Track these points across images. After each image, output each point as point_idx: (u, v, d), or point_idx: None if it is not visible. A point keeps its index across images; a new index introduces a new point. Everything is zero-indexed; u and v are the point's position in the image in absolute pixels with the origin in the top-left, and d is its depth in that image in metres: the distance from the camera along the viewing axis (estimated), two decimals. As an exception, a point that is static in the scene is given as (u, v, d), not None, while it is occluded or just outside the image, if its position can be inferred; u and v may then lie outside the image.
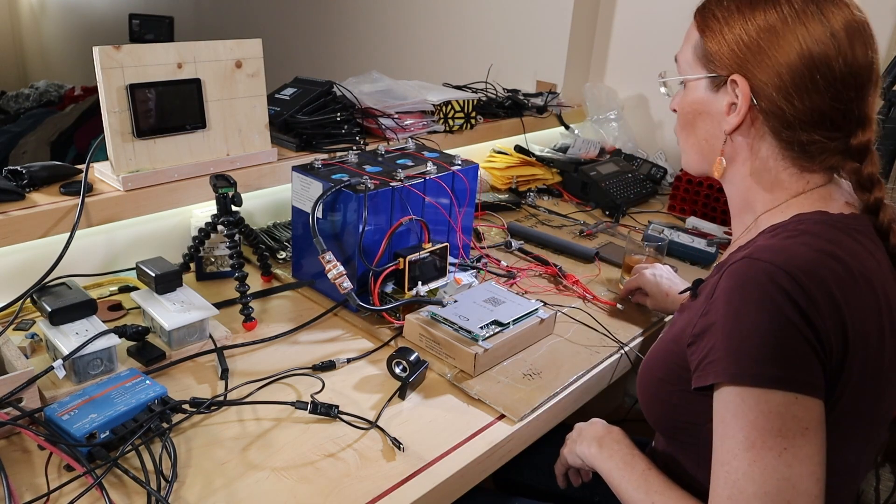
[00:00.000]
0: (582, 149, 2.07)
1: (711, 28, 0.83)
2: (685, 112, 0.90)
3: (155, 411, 0.89)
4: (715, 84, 0.84)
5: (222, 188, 1.20)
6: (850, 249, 0.75)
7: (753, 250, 0.75)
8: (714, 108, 0.85)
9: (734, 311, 0.72)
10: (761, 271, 0.71)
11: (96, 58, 1.17)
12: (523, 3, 2.40)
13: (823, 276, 0.71)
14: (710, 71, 0.84)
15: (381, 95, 1.74)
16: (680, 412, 0.84)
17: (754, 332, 0.70)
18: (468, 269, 1.38)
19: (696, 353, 0.77)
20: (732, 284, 0.73)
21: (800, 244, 0.74)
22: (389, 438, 0.93)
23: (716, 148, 0.88)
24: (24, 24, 6.14)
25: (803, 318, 0.69)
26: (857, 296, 0.73)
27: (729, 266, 0.75)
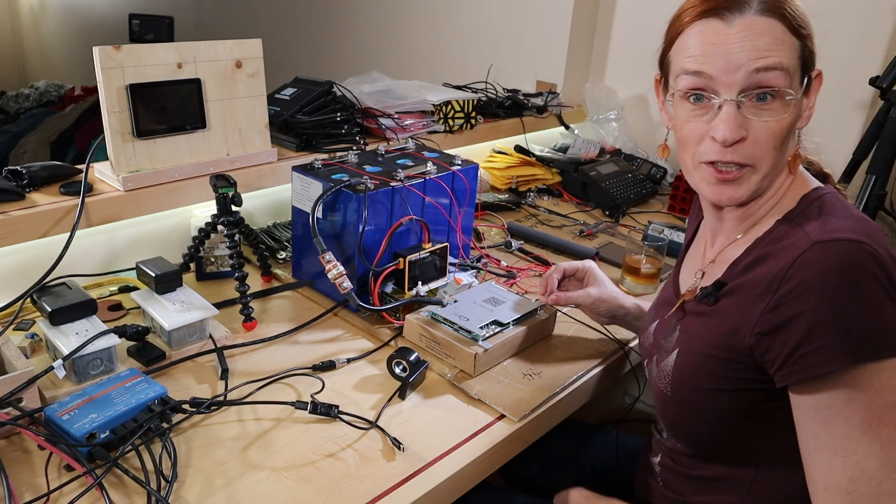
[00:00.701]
0: (582, 149, 2.07)
1: (806, 29, 0.79)
2: (788, 128, 0.79)
3: (155, 411, 0.89)
4: (810, 84, 0.81)
5: (222, 188, 1.20)
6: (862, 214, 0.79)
7: (816, 234, 0.74)
8: (800, 109, 0.81)
9: (831, 296, 0.70)
10: (845, 250, 0.71)
11: (96, 58, 1.17)
12: (523, 3, 2.40)
13: (883, 240, 0.73)
14: (808, 72, 0.80)
15: (381, 95, 1.74)
16: (739, 419, 0.82)
17: (861, 308, 0.69)
18: (468, 269, 1.38)
19: (774, 350, 0.74)
20: (820, 269, 0.71)
21: (845, 218, 0.76)
22: (389, 438, 0.93)
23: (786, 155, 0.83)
24: (24, 24, 6.14)
25: (892, 283, 0.70)
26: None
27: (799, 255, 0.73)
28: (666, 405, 0.90)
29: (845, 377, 0.70)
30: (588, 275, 1.16)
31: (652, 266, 1.41)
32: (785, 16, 0.77)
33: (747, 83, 0.77)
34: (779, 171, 0.83)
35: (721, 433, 0.85)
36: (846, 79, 1.81)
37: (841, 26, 1.82)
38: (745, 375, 0.79)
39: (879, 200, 1.64)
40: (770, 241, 0.80)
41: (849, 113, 1.85)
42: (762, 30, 0.77)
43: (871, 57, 1.77)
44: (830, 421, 0.72)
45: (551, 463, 1.18)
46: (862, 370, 0.70)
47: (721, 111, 0.78)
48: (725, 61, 0.77)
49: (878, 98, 1.64)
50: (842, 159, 1.68)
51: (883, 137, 1.61)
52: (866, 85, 1.65)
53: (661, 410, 0.93)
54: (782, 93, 0.77)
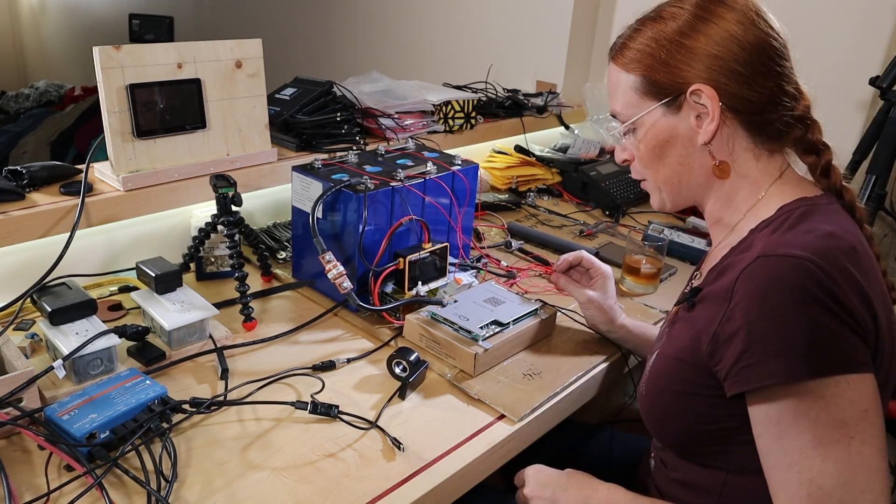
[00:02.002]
0: (582, 149, 2.07)
1: (642, 61, 0.85)
2: (650, 149, 0.88)
3: (155, 411, 0.89)
4: (673, 107, 0.85)
5: (222, 188, 1.20)
6: (842, 226, 0.78)
7: (764, 248, 0.75)
8: (681, 128, 0.85)
9: (767, 310, 0.71)
10: (783, 266, 0.71)
11: (96, 58, 1.17)
12: (523, 3, 2.40)
13: (837, 257, 0.72)
14: (663, 97, 0.85)
15: (381, 95, 1.74)
16: (705, 423, 0.83)
17: (794, 326, 0.70)
18: (468, 269, 1.38)
19: (724, 361, 0.76)
20: (757, 284, 0.73)
21: (804, 233, 0.76)
22: (389, 438, 0.93)
23: (692, 167, 0.87)
24: (24, 24, 6.14)
25: (836, 302, 0.70)
26: (866, 269, 0.75)
27: (744, 268, 0.75)
28: (643, 404, 0.93)
29: (788, 392, 0.71)
30: (598, 278, 1.17)
31: (652, 266, 1.41)
32: (617, 57, 0.89)
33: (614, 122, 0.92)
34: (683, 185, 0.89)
35: (688, 435, 0.86)
36: (846, 79, 1.81)
37: (841, 26, 1.82)
38: (706, 381, 0.80)
39: (879, 200, 1.64)
40: (739, 250, 0.82)
41: (849, 113, 1.85)
42: (610, 76, 0.92)
43: (871, 57, 1.77)
44: (782, 436, 0.72)
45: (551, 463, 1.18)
46: (802, 387, 0.70)
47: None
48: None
49: (878, 98, 1.64)
50: (842, 159, 1.67)
51: (883, 137, 1.61)
52: (866, 85, 1.65)
53: (641, 409, 0.95)
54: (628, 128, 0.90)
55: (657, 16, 0.86)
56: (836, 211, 0.82)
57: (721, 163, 0.86)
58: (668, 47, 0.83)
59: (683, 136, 0.85)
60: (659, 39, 0.84)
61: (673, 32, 0.83)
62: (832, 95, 1.84)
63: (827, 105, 0.89)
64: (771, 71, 0.81)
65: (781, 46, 0.82)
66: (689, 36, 0.82)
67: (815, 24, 1.86)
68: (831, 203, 0.83)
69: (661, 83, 0.84)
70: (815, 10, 1.84)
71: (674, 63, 0.83)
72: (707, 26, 0.81)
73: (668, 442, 0.91)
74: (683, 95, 0.83)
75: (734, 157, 0.85)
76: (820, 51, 1.83)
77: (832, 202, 0.83)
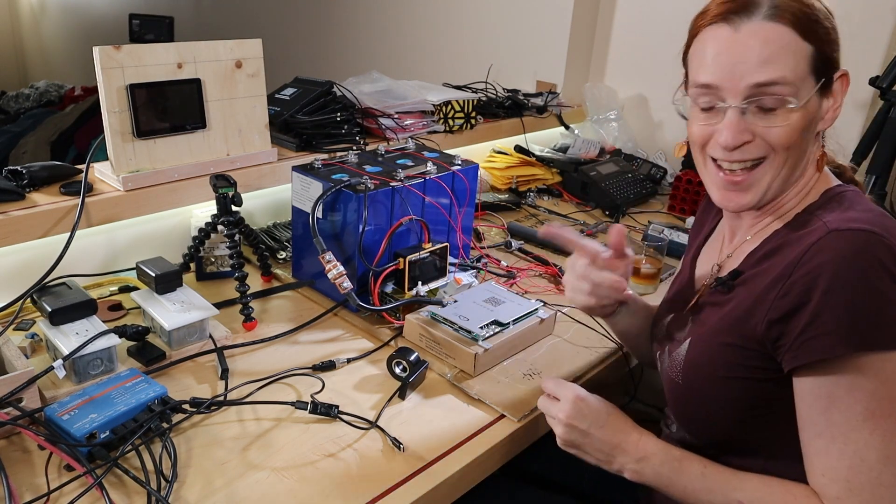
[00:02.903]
0: (582, 149, 2.07)
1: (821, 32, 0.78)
2: (802, 130, 0.80)
3: (155, 411, 0.89)
4: (828, 87, 0.81)
5: (222, 188, 1.20)
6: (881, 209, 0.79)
7: (832, 223, 0.74)
8: (822, 112, 0.82)
9: (840, 282, 0.71)
10: (858, 239, 0.72)
11: (96, 58, 1.17)
12: (523, 3, 2.40)
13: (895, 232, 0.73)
14: (826, 76, 0.80)
15: (381, 95, 1.74)
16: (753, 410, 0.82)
17: (867, 298, 0.70)
18: (468, 269, 1.38)
19: (787, 335, 0.75)
20: (832, 257, 0.72)
21: (865, 211, 0.77)
22: (389, 438, 0.93)
23: (810, 154, 0.84)
24: (24, 24, 6.14)
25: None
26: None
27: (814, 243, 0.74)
28: (677, 395, 0.90)
29: (848, 365, 0.70)
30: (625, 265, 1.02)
31: (652, 266, 1.41)
32: (795, 21, 0.77)
33: (749, 93, 0.78)
34: (796, 172, 0.83)
35: (732, 423, 0.85)
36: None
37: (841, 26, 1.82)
38: (756, 363, 0.79)
39: (879, 200, 1.64)
40: (788, 231, 0.82)
41: (849, 113, 1.85)
42: (768, 37, 0.77)
43: (871, 57, 1.77)
44: (832, 407, 0.72)
45: (552, 462, 1.18)
46: (865, 359, 0.70)
47: (726, 116, 0.80)
48: (730, 71, 0.78)
49: (878, 98, 1.64)
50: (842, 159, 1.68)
51: (883, 137, 1.61)
52: (866, 85, 1.65)
53: (672, 401, 0.93)
54: (784, 101, 0.77)
55: None
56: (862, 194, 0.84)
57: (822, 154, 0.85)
58: (831, 23, 0.80)
59: (819, 121, 0.82)
60: (828, 16, 0.80)
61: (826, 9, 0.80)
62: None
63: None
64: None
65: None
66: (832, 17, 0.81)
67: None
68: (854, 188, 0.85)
69: (832, 61, 0.80)
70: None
71: (836, 41, 0.80)
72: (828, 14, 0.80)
73: (704, 432, 0.89)
74: (834, 78, 0.81)
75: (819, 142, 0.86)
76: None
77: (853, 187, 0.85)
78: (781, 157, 0.81)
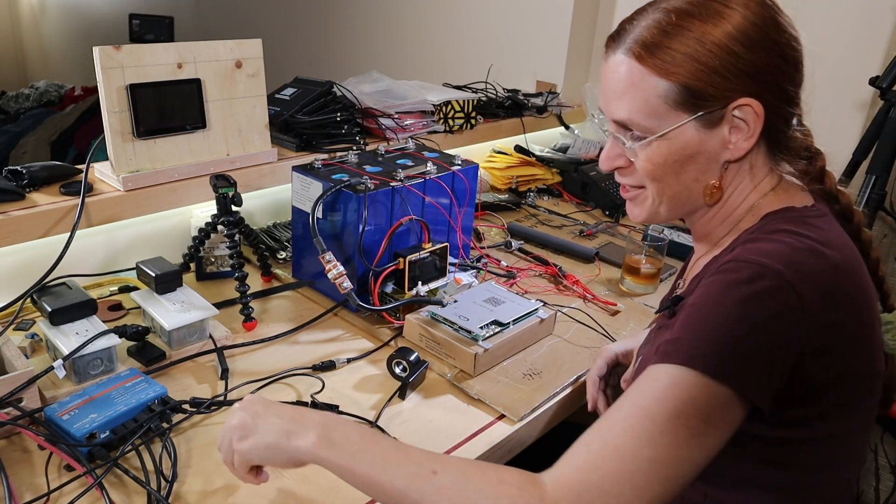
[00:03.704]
0: (582, 149, 2.07)
1: (682, 66, 0.74)
2: (668, 163, 0.79)
3: (155, 411, 0.89)
4: (710, 121, 0.76)
5: (222, 188, 1.20)
6: (829, 239, 0.74)
7: (738, 253, 0.73)
8: (711, 144, 0.77)
9: (712, 303, 0.70)
10: (749, 270, 0.70)
11: (96, 58, 1.17)
12: (523, 3, 2.40)
13: (809, 271, 0.70)
14: (699, 110, 0.75)
15: (381, 95, 1.74)
16: None
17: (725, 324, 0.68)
18: (468, 269, 1.38)
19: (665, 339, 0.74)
20: (718, 281, 0.71)
21: (781, 242, 0.73)
22: (389, 438, 0.92)
23: (707, 183, 0.80)
24: (24, 24, 6.14)
25: (785, 319, 0.68)
26: (848, 285, 0.73)
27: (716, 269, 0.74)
28: None
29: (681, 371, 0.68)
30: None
31: (652, 266, 1.41)
32: (649, 57, 0.75)
33: (613, 126, 0.81)
34: (690, 201, 0.82)
35: None
36: (846, 79, 1.81)
37: (841, 26, 1.82)
38: None
39: (879, 200, 1.64)
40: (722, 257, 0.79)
41: (849, 113, 1.85)
42: (619, 72, 0.78)
43: (871, 57, 1.77)
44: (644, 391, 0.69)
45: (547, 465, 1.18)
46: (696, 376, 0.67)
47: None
48: (602, 101, 0.82)
49: (878, 98, 1.64)
50: (842, 159, 1.68)
51: (883, 137, 1.61)
52: (866, 85, 1.65)
53: None
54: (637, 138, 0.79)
55: (701, 12, 0.74)
56: (825, 222, 0.78)
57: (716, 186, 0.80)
58: (717, 53, 0.73)
59: (710, 152, 0.78)
60: (706, 42, 0.73)
61: (724, 36, 0.73)
62: (832, 95, 1.84)
63: (827, 105, 0.88)
64: (799, 86, 0.78)
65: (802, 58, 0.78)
66: (736, 40, 0.73)
67: (815, 24, 1.85)
68: (822, 214, 0.79)
69: (703, 94, 0.74)
70: (815, 10, 1.84)
71: (720, 71, 0.73)
72: (755, 31, 0.73)
73: None
74: (724, 109, 0.75)
75: (751, 172, 0.81)
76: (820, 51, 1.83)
77: (823, 212, 0.80)
78: (654, 188, 0.82)
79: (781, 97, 0.77)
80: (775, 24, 0.75)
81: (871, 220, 1.65)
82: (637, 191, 0.84)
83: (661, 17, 0.76)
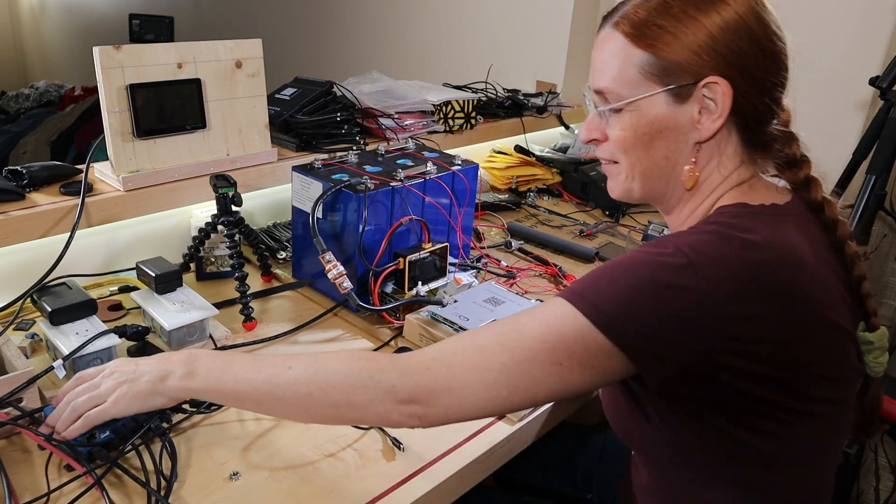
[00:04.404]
0: (582, 149, 2.07)
1: (661, 39, 0.77)
2: (639, 135, 0.81)
3: (155, 411, 0.89)
4: (679, 95, 0.78)
5: (222, 188, 1.20)
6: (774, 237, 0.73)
7: (675, 236, 0.74)
8: (680, 120, 0.79)
9: (621, 261, 0.73)
10: (664, 247, 0.72)
11: (96, 58, 1.17)
12: (523, 3, 2.40)
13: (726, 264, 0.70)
14: (671, 83, 0.77)
15: (381, 95, 1.74)
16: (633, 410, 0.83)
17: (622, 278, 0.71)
18: (468, 269, 1.38)
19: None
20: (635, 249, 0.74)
21: (703, 233, 0.74)
22: (389, 438, 0.93)
23: (677, 162, 0.82)
24: (24, 24, 6.14)
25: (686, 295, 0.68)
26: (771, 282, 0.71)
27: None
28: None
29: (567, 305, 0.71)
30: None
31: (652, 266, 1.40)
32: (631, 28, 0.79)
33: (595, 97, 0.84)
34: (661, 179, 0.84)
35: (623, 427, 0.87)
36: (846, 79, 1.81)
37: (841, 26, 1.82)
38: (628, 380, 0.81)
39: (879, 200, 1.63)
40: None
41: (849, 113, 1.85)
42: (605, 45, 0.82)
43: (871, 57, 1.77)
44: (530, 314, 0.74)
45: (545, 465, 1.18)
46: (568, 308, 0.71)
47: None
48: (590, 75, 0.85)
49: (878, 98, 1.64)
50: (842, 159, 1.68)
51: (883, 137, 1.61)
52: (866, 85, 1.65)
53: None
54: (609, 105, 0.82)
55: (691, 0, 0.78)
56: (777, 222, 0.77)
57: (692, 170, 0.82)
58: (693, 30, 0.76)
59: (679, 129, 0.80)
60: (684, 19, 0.76)
61: (699, 14, 0.76)
62: (832, 95, 1.84)
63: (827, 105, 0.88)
64: (778, 83, 0.78)
65: (786, 58, 0.79)
66: (716, 24, 0.75)
67: (815, 24, 1.86)
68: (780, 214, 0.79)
69: (676, 67, 0.77)
70: (815, 10, 1.84)
71: (695, 48, 0.76)
72: (736, 20, 0.76)
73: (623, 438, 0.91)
74: (695, 86, 0.77)
75: (720, 161, 0.81)
76: (820, 51, 1.83)
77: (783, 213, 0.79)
78: (626, 161, 0.84)
79: (754, 85, 0.77)
80: (757, 17, 0.77)
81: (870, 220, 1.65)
82: (612, 165, 0.87)
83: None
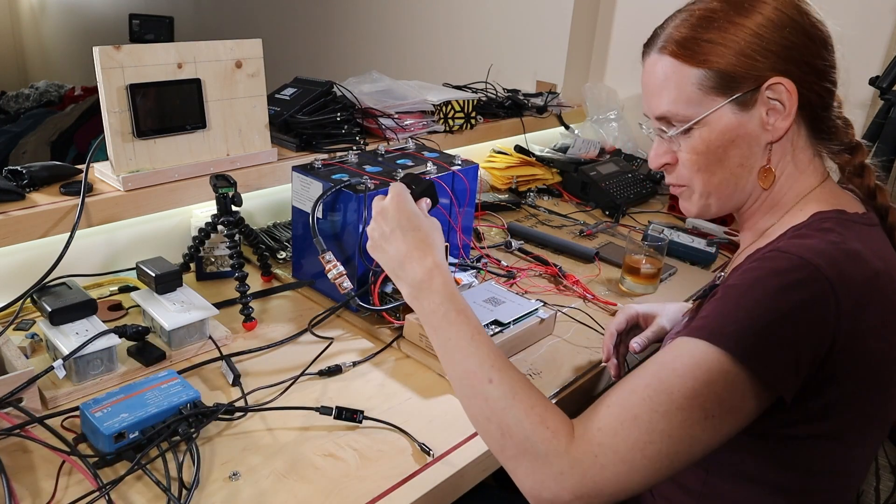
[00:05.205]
0: (582, 149, 2.07)
1: (713, 52, 0.78)
2: (711, 150, 0.81)
3: (184, 415, 0.88)
4: (744, 103, 0.78)
5: (222, 188, 1.20)
6: (874, 249, 0.75)
7: (782, 245, 0.74)
8: (749, 126, 0.79)
9: (747, 286, 0.71)
10: (789, 261, 0.70)
11: (96, 58, 1.17)
12: (523, 3, 2.40)
13: (849, 274, 0.70)
14: (734, 93, 0.78)
15: (381, 95, 1.74)
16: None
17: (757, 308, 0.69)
18: (468, 269, 1.38)
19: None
20: (754, 267, 0.72)
21: (828, 242, 0.73)
22: (417, 443, 0.92)
23: (753, 167, 0.82)
24: (24, 24, 6.14)
25: (816, 313, 0.68)
26: (882, 295, 0.72)
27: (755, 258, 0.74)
28: None
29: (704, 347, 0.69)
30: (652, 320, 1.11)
31: (652, 266, 1.41)
32: (679, 49, 0.80)
33: (657, 124, 0.85)
34: (739, 188, 0.83)
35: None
36: (846, 79, 1.81)
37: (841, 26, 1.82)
38: None
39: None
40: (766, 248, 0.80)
41: (849, 113, 1.83)
42: (654, 70, 0.83)
43: (871, 57, 1.77)
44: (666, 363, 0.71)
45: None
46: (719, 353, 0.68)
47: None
48: (644, 102, 0.86)
49: (878, 98, 1.64)
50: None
51: (883, 137, 1.61)
52: (866, 85, 1.65)
53: None
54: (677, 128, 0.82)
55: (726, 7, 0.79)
56: (873, 232, 0.79)
57: (767, 169, 0.81)
58: (741, 36, 0.77)
59: (750, 135, 0.80)
60: (729, 27, 0.77)
61: (742, 19, 0.77)
62: (832, 95, 1.84)
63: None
64: (830, 65, 0.80)
65: (831, 39, 0.80)
66: (761, 24, 0.76)
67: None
68: (872, 223, 0.80)
69: (735, 76, 0.77)
70: (815, 10, 1.84)
71: (748, 53, 0.76)
72: (778, 14, 0.77)
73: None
74: (758, 90, 0.77)
75: (794, 156, 0.82)
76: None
77: (873, 222, 0.80)
78: (700, 180, 0.84)
79: (812, 72, 0.78)
80: (796, 7, 0.78)
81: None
82: (684, 188, 0.87)
83: (688, 16, 0.81)
